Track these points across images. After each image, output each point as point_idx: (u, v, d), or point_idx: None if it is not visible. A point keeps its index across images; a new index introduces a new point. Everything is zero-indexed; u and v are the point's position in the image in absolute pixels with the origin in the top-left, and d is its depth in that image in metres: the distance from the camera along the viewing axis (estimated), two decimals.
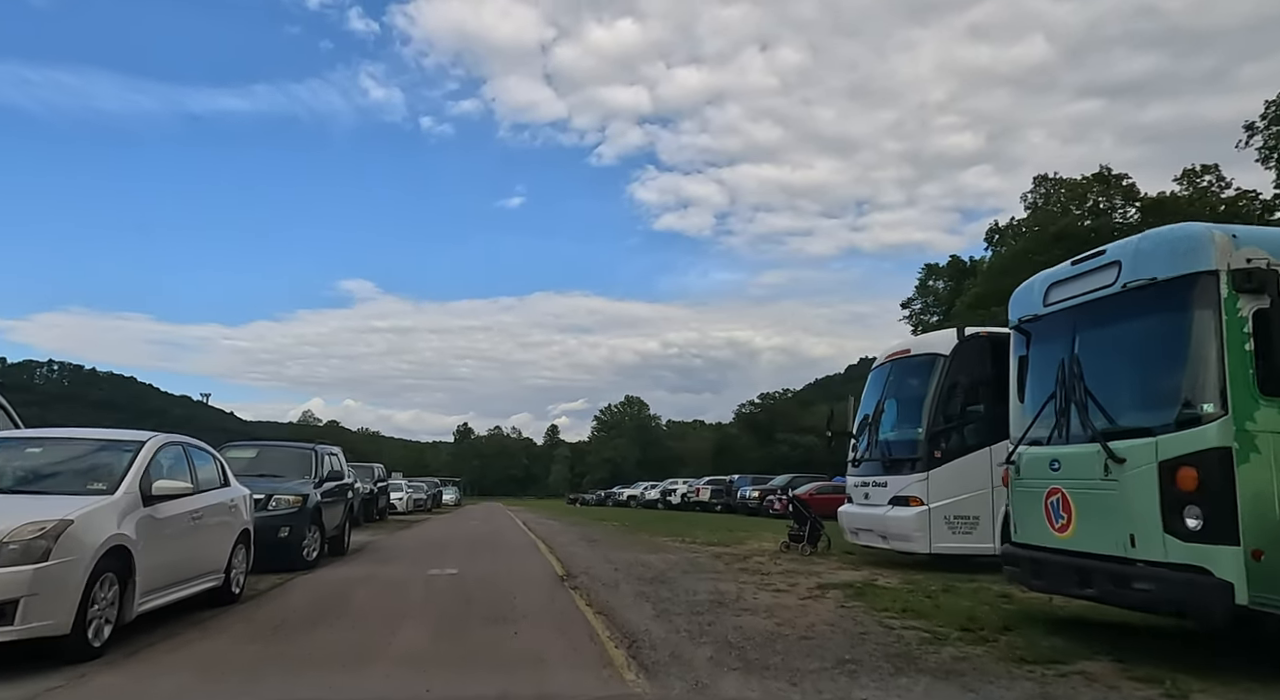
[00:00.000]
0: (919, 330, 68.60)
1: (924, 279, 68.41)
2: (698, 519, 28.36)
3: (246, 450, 11.74)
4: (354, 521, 20.28)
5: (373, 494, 23.10)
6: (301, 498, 10.39)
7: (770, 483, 33.94)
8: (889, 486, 11.50)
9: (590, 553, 13.77)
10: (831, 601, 8.34)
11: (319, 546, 10.88)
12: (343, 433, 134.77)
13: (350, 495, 13.14)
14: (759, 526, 22.62)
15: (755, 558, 13.24)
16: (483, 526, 22.85)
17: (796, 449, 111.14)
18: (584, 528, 21.91)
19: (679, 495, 42.43)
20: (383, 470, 25.76)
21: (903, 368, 12.21)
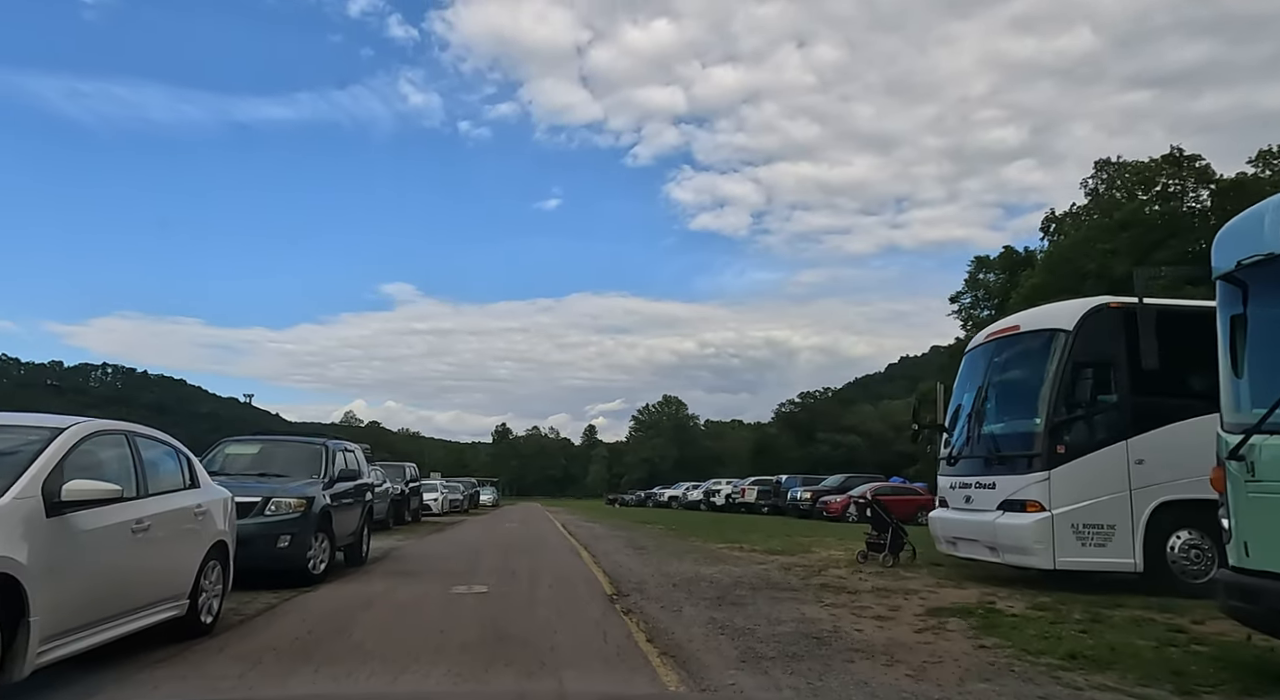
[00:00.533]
0: (969, 326, 65.78)
1: (974, 272, 65.47)
2: (748, 522, 26.45)
3: (248, 446, 10.19)
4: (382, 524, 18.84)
5: (403, 495, 21.62)
6: (305, 501, 8.78)
7: (822, 484, 31.90)
8: (998, 488, 9.54)
9: (640, 563, 12.00)
10: (959, 636, 6.46)
11: (328, 557, 9.27)
12: (383, 433, 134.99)
13: (368, 497, 11.55)
14: (817, 531, 20.67)
15: (831, 570, 11.37)
16: (520, 530, 21.23)
17: (838, 449, 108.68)
18: (628, 532, 20.17)
19: (723, 496, 40.49)
20: (414, 470, 24.32)
21: (1012, 347, 10.23)
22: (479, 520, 28.19)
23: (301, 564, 8.71)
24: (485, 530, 21.14)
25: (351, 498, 10.59)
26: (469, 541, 16.43)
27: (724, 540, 16.91)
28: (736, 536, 18.08)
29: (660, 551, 14.19)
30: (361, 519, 11.15)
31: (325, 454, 10.08)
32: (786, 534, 18.93)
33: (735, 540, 16.77)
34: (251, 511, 8.40)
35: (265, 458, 9.99)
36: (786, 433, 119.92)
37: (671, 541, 16.77)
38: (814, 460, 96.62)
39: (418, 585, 9.23)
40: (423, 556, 12.85)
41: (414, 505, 23.37)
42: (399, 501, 21.01)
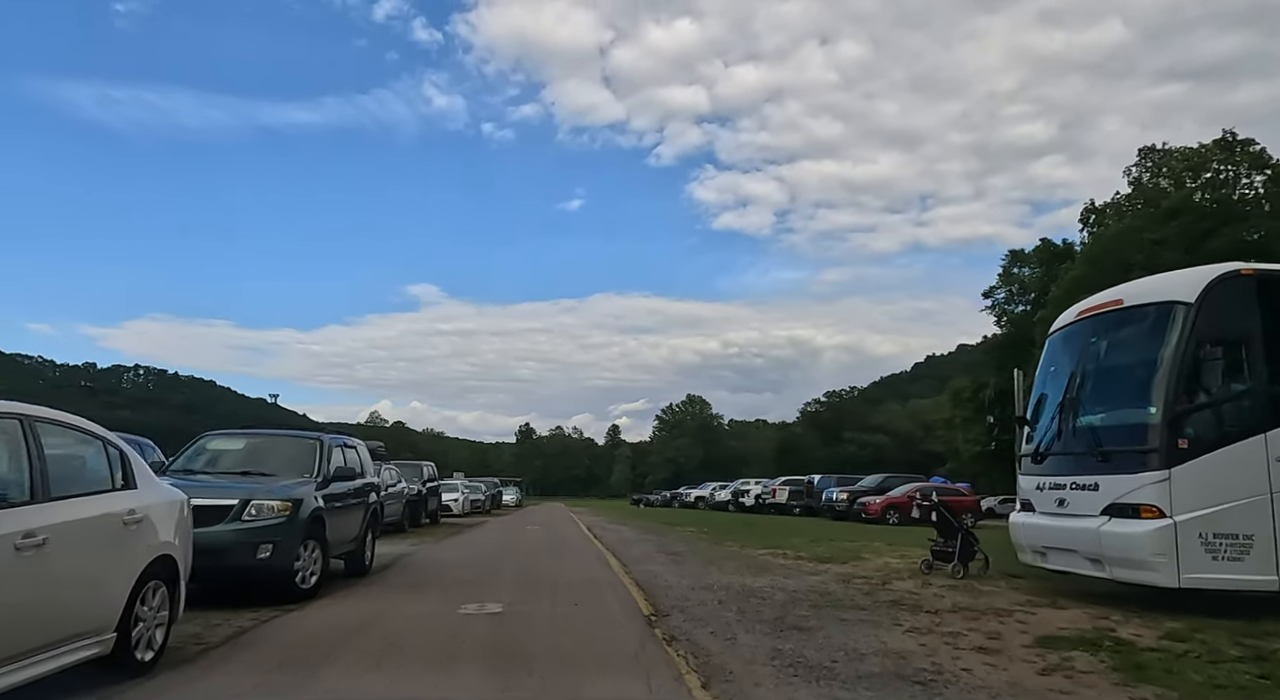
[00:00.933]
0: (1003, 322, 63.68)
1: (1008, 266, 63.21)
2: (783, 524, 24.95)
3: (231, 441, 8.93)
4: (396, 527, 17.63)
5: (420, 496, 20.40)
6: (291, 504, 7.48)
7: (859, 484, 30.28)
8: (1102, 490, 8.02)
9: (676, 573, 10.61)
10: (1100, 680, 5.01)
11: (320, 568, 7.97)
12: (408, 433, 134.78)
13: (373, 499, 10.26)
14: (860, 534, 19.14)
15: (895, 582, 9.91)
16: (542, 534, 19.91)
17: (865, 448, 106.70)
18: (658, 535, 18.78)
19: (753, 497, 38.94)
20: (432, 469, 23.12)
21: (1115, 325, 8.69)
22: (500, 522, 26.94)
23: (287, 577, 7.42)
24: (506, 533, 19.85)
25: (351, 499, 9.31)
26: (487, 546, 15.13)
27: (763, 545, 15.48)
28: (776, 541, 16.64)
29: (696, 558, 12.78)
30: (364, 523, 9.87)
31: (319, 450, 8.80)
32: (829, 538, 17.44)
33: (776, 545, 15.32)
34: (227, 516, 7.13)
35: (251, 454, 8.73)
36: (812, 432, 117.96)
37: (706, 546, 15.36)
38: (840, 460, 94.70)
39: (422, 602, 7.91)
40: (434, 564, 11.54)
41: (432, 506, 22.17)
42: (415, 502, 19.80)
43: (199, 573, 6.87)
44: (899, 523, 25.65)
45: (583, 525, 24.38)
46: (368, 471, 10.39)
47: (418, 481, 20.75)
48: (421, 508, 20.51)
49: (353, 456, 9.81)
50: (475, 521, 25.68)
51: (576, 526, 23.94)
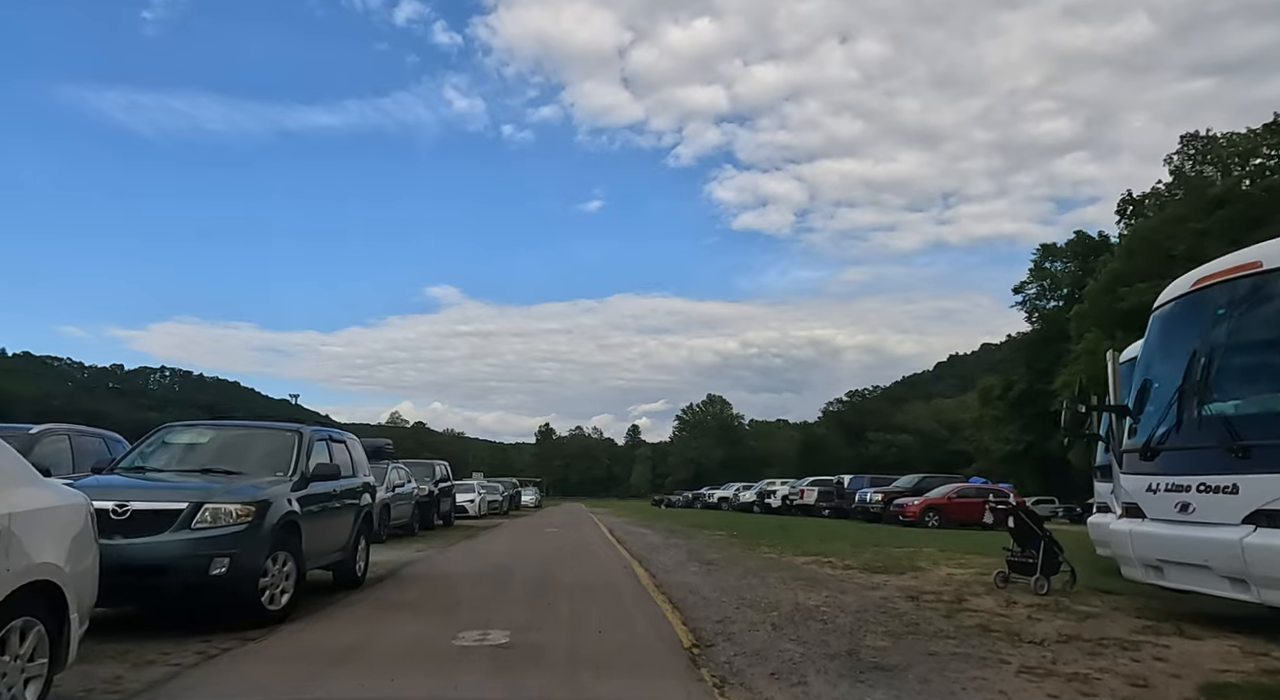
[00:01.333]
0: (1034, 318, 61.59)
1: (1039, 261, 61.22)
2: (816, 527, 23.39)
3: (196, 434, 7.57)
4: (405, 530, 16.35)
5: (432, 497, 19.09)
6: (255, 507, 6.13)
7: (894, 485, 28.63)
8: (1244, 493, 6.47)
9: (714, 587, 9.17)
10: None
11: (294, 583, 6.61)
12: (428, 434, 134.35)
13: (365, 501, 8.90)
14: (905, 539, 17.58)
15: (971, 599, 8.43)
16: (561, 537, 18.52)
17: (890, 448, 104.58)
18: (686, 539, 17.34)
19: (779, 498, 37.35)
20: (445, 469, 21.80)
21: (1251, 294, 7.14)
22: (518, 524, 25.61)
23: (250, 596, 6.06)
24: (522, 537, 18.49)
25: (337, 502, 7.96)
26: (501, 553, 13.76)
27: (803, 551, 13.99)
28: (815, 546, 15.15)
29: (733, 567, 11.33)
30: (355, 529, 8.53)
31: (298, 444, 7.44)
32: (872, 543, 15.91)
33: (817, 551, 13.83)
34: (173, 524, 5.79)
35: (217, 449, 7.39)
36: (835, 432, 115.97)
37: (740, 553, 13.90)
38: (865, 460, 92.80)
39: (413, 625, 6.52)
40: (438, 576, 10.16)
41: (445, 508, 20.86)
42: (426, 504, 18.50)
43: (137, 593, 5.57)
44: (939, 525, 24.04)
45: (604, 528, 22.99)
46: (360, 470, 9.05)
47: (429, 482, 19.45)
48: (433, 510, 19.21)
49: (341, 453, 8.48)
50: (491, 524, 24.37)
51: (598, 529, 22.55)
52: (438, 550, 13.68)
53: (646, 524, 25.36)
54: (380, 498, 14.85)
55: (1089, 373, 44.24)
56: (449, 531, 19.24)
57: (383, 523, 15.06)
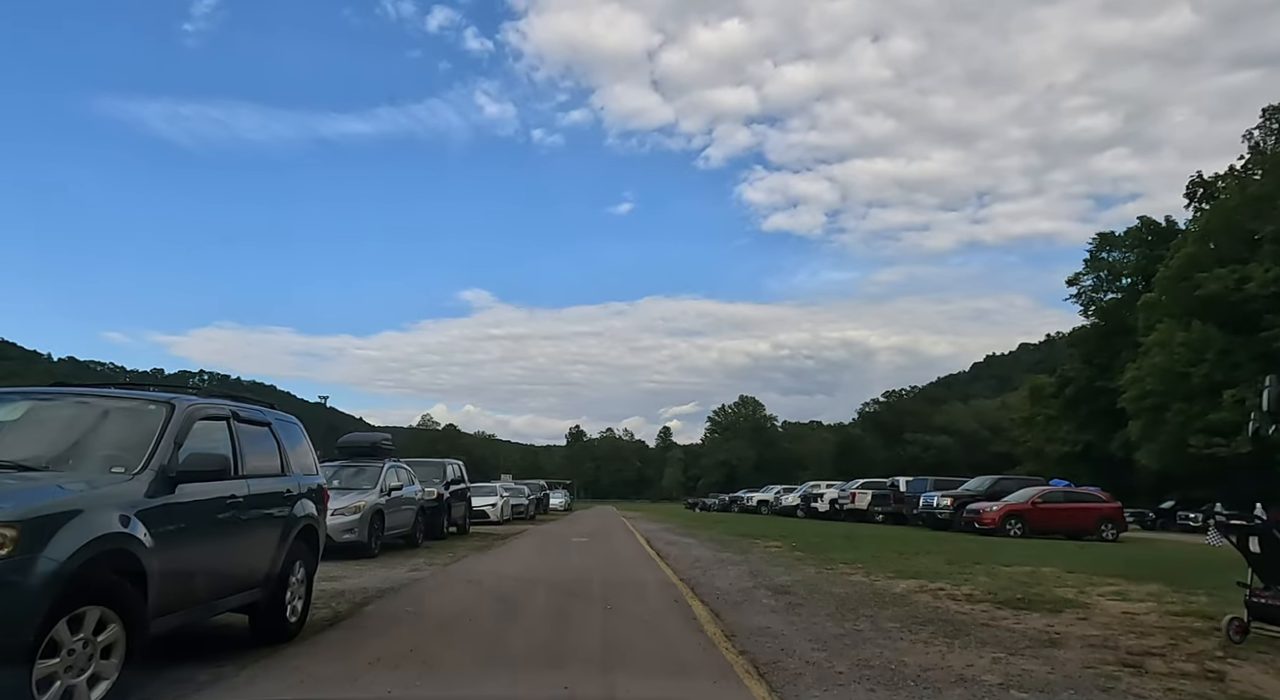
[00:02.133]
0: (1089, 311, 57.47)
1: (1095, 251, 57.07)
2: (881, 536, 20.13)
3: (6, 408, 4.77)
4: (408, 541, 13.48)
5: (441, 502, 16.23)
6: (20, 530, 3.25)
7: (963, 487, 25.24)
8: None
9: (810, 636, 6.10)
10: None
11: (123, 650, 3.72)
12: (459, 436, 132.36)
13: (300, 512, 5.96)
14: (1004, 552, 14.35)
15: (1217, 664, 5.33)
16: (590, 551, 15.51)
17: (929, 450, 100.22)
18: (739, 552, 14.28)
19: (826, 501, 34.03)
20: (459, 469, 18.91)
21: None
22: (543, 531, 22.70)
23: None
24: (544, 550, 15.53)
25: (240, 513, 5.07)
26: (514, 575, 10.79)
27: (893, 570, 10.88)
28: (903, 563, 12.03)
29: (819, 599, 8.25)
30: (280, 554, 5.63)
31: (165, 421, 4.59)
32: (973, 560, 12.71)
33: (912, 572, 10.70)
34: None
35: (34, 430, 4.57)
36: (872, 433, 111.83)
37: (816, 573, 10.81)
38: (902, 462, 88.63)
39: None
40: (417, 617, 7.20)
41: (458, 514, 17.98)
42: (433, 510, 15.64)
43: None
44: (1023, 534, 20.69)
45: (639, 536, 20.01)
46: (294, 465, 6.14)
47: (438, 484, 16.61)
48: (442, 516, 16.35)
49: (255, 438, 5.59)
50: (513, 531, 21.48)
51: (632, 538, 19.58)
52: (436, 570, 10.78)
53: (687, 531, 22.31)
54: (370, 503, 12.02)
55: (1165, 365, 40.45)
56: (462, 541, 16.38)
57: (374, 534, 12.23)
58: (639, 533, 21.45)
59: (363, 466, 13.43)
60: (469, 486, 19.69)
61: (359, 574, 9.95)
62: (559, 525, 26.80)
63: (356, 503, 11.97)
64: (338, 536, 11.52)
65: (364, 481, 12.97)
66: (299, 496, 6.06)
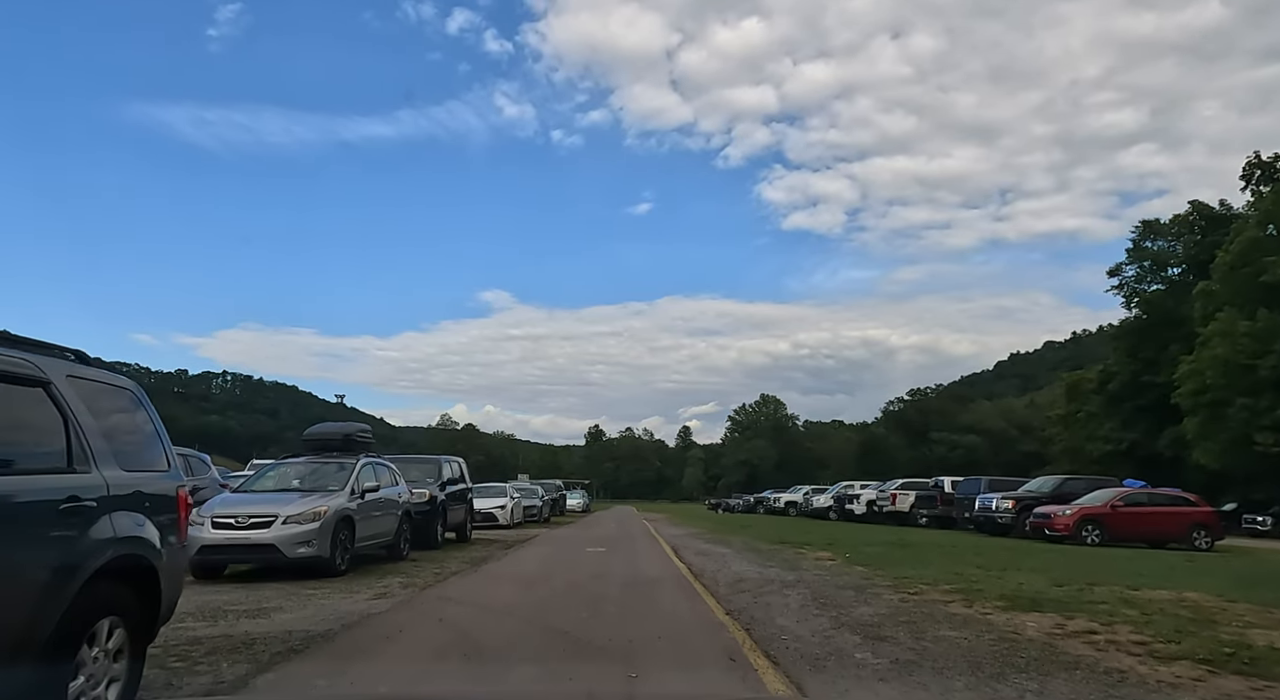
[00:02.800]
0: (1133, 304, 54.16)
1: (1138, 240, 53.64)
2: (941, 544, 17.35)
3: None
4: (391, 552, 10.93)
5: (434, 505, 13.74)
6: None
7: (1024, 489, 22.41)
8: None
9: None
10: None
11: None
12: (477, 436, 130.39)
13: (111, 535, 3.47)
14: (1106, 565, 11.62)
15: None
16: (607, 564, 12.87)
17: (955, 449, 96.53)
18: (785, 567, 11.64)
19: (863, 503, 31.24)
20: (458, 467, 16.32)
21: None
22: (555, 537, 20.18)
23: None
24: (553, 564, 12.97)
25: None
26: (502, 606, 8.20)
27: (991, 594, 8.21)
28: (992, 582, 9.37)
29: (941, 653, 5.62)
30: (51, 607, 3.13)
31: None
32: (1083, 578, 10.00)
33: (1020, 597, 8.02)
34: None
35: None
36: (896, 432, 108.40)
37: (899, 601, 8.17)
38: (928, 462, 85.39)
39: None
40: (353, 676, 4.71)
41: (456, 518, 15.45)
42: (424, 515, 13.14)
43: None
44: (1101, 543, 17.89)
45: (664, 543, 17.45)
46: (109, 454, 3.64)
47: (431, 484, 14.13)
48: (435, 522, 13.84)
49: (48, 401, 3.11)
50: (523, 536, 18.96)
51: (656, 546, 17.02)
52: (407, 597, 8.27)
53: (716, 536, 19.69)
54: (334, 508, 9.56)
55: (1226, 357, 37.20)
56: (458, 551, 13.89)
57: (339, 546, 9.76)
58: (663, 539, 18.88)
59: (331, 464, 10.98)
60: (471, 487, 17.14)
61: (302, 603, 7.48)
62: (574, 529, 24.25)
63: (316, 508, 9.49)
64: (290, 551, 9.10)
65: (330, 482, 10.52)
66: (110, 509, 3.52)
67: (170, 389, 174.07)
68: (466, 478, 16.58)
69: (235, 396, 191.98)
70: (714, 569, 11.54)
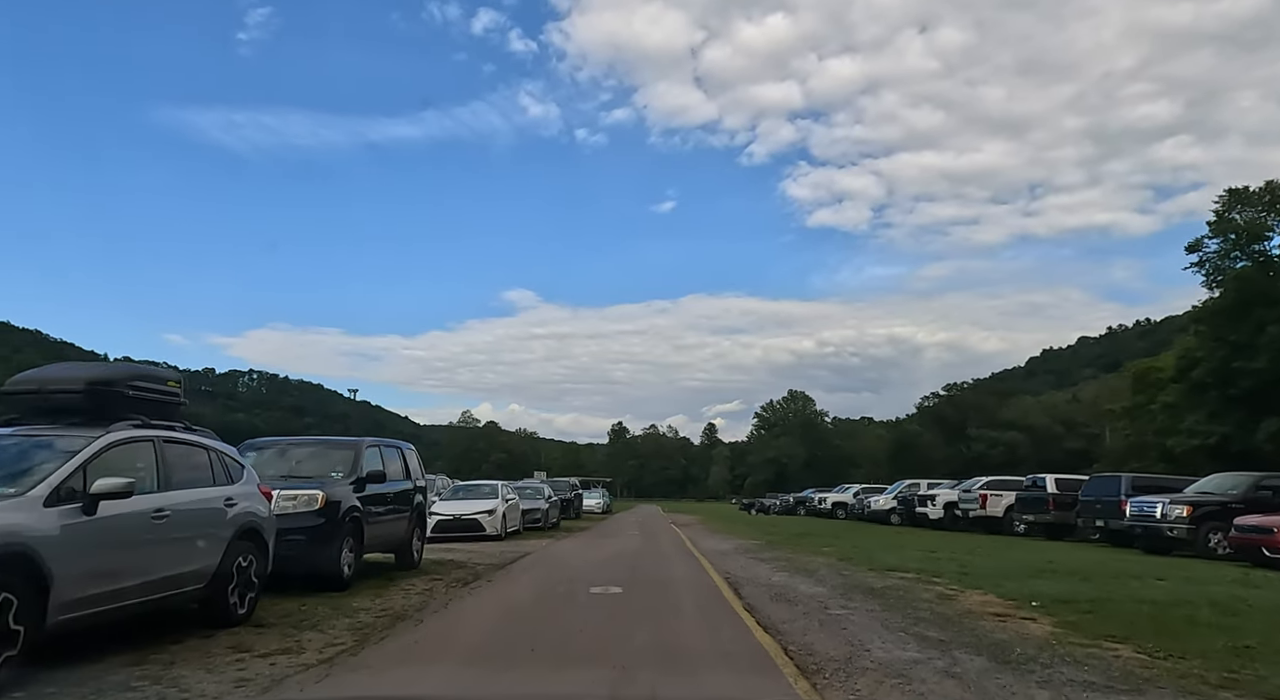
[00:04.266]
0: (1215, 283, 47.38)
1: (1222, 211, 46.78)
2: (1088, 563, 11.29)
3: None
4: (242, 599, 5.16)
5: (333, 519, 7.91)
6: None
7: (1194, 490, 16.18)
8: None
9: None
10: None
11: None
12: (500, 434, 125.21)
13: None
14: None
15: None
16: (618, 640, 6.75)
17: (995, 447, 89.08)
18: (970, 643, 5.78)
19: (940, 505, 25.06)
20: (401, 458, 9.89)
21: None
22: (553, 556, 14.31)
23: None
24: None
25: None
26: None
27: None
28: None
29: None
30: None
31: None
32: None
33: None
34: None
35: None
36: (932, 429, 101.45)
37: None
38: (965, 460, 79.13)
39: None
40: None
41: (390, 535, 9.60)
42: (311, 536, 7.35)
43: None
44: None
45: (706, 563, 11.62)
46: None
47: (338, 481, 8.33)
48: (335, 545, 8.00)
49: None
50: (508, 556, 13.07)
51: (697, 567, 11.18)
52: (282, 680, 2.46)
53: (779, 554, 13.71)
54: (33, 535, 3.66)
55: None
56: (365, 596, 8.00)
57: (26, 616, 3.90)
58: (700, 552, 13.05)
59: (41, 440, 5.19)
60: (419, 486, 10.76)
61: None
62: (584, 542, 18.29)
63: None
64: None
65: (30, 475, 4.72)
66: None
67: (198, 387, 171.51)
68: (415, 471, 10.66)
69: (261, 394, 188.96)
70: (788, 616, 5.61)
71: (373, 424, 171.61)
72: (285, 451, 8.76)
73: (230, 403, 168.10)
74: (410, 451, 10.74)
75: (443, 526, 15.87)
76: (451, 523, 15.92)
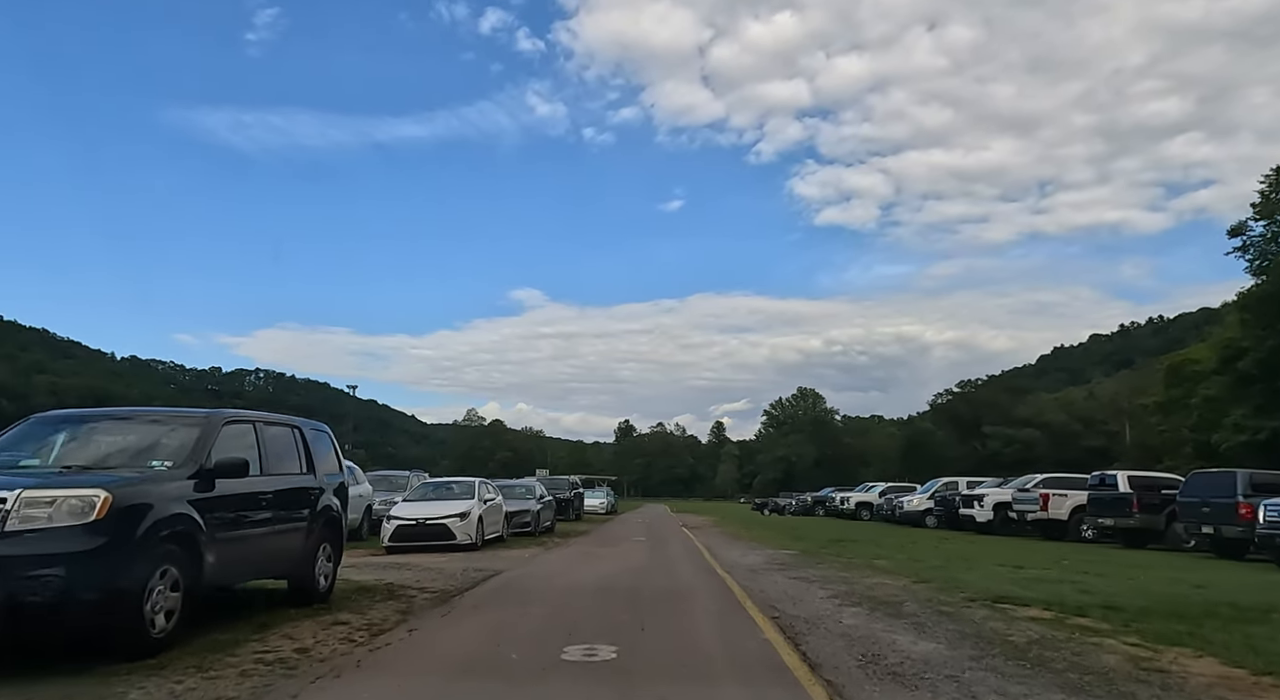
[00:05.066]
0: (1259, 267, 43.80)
1: (1268, 192, 43.20)
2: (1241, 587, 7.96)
3: None
4: None
5: (121, 541, 4.66)
6: None
7: None
8: None
9: None
10: None
11: None
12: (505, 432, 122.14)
13: None
14: None
15: None
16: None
17: (1011, 445, 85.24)
18: None
19: (989, 507, 21.67)
20: (298, 441, 6.42)
21: None
22: (543, 565, 11.07)
23: None
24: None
25: None
26: None
27: None
28: None
29: None
30: None
31: None
32: None
33: None
34: None
35: None
36: (944, 427, 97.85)
37: None
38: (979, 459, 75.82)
39: None
40: None
41: (283, 551, 6.38)
42: (85, 567, 4.14)
43: None
44: None
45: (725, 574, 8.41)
46: None
47: (167, 471, 5.10)
48: (113, 588, 4.64)
49: None
50: (471, 577, 9.76)
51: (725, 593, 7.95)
52: None
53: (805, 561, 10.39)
54: None
55: None
56: (236, 654, 4.83)
57: None
58: (731, 577, 9.78)
59: None
60: (328, 483, 7.41)
61: None
62: (579, 550, 14.99)
63: None
64: None
65: None
66: None
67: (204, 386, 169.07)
68: (328, 464, 7.35)
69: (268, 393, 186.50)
70: None
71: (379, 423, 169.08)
72: (87, 431, 5.54)
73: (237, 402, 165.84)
74: (318, 434, 7.44)
75: (403, 534, 12.67)
76: (414, 529, 12.72)
